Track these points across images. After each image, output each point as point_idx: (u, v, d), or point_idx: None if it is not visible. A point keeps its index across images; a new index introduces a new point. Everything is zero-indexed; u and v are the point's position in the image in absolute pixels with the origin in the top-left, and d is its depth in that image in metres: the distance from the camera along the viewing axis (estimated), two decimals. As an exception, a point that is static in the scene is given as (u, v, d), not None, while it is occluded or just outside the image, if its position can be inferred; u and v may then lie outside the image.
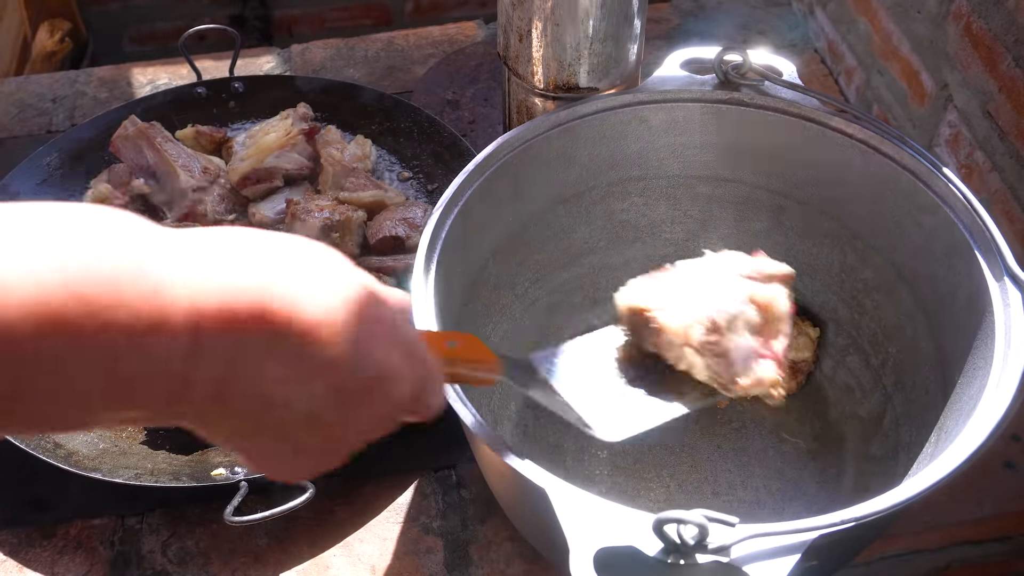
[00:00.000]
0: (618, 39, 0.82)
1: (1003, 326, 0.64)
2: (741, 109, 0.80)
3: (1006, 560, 0.79)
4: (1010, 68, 0.83)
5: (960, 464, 0.56)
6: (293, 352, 0.39)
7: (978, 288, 0.68)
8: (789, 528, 0.52)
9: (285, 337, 0.39)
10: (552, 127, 0.78)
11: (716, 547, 0.49)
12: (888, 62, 1.04)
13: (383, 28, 1.90)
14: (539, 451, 0.81)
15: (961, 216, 0.70)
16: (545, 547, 0.71)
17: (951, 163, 0.94)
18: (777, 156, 0.82)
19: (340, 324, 0.40)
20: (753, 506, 0.78)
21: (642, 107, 0.80)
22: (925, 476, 0.56)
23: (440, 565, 0.77)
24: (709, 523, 0.48)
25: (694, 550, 0.49)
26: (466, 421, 0.59)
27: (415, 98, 1.14)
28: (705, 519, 0.48)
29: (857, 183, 0.79)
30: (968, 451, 0.56)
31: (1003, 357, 0.62)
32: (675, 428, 0.83)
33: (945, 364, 0.72)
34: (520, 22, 0.82)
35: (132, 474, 0.78)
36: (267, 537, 0.79)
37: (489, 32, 1.25)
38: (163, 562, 0.78)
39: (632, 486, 0.80)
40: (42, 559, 0.78)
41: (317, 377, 0.40)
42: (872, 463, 0.79)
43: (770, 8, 1.28)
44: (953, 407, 0.67)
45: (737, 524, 0.49)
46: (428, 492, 0.81)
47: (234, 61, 1.09)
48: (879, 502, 0.54)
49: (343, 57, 1.23)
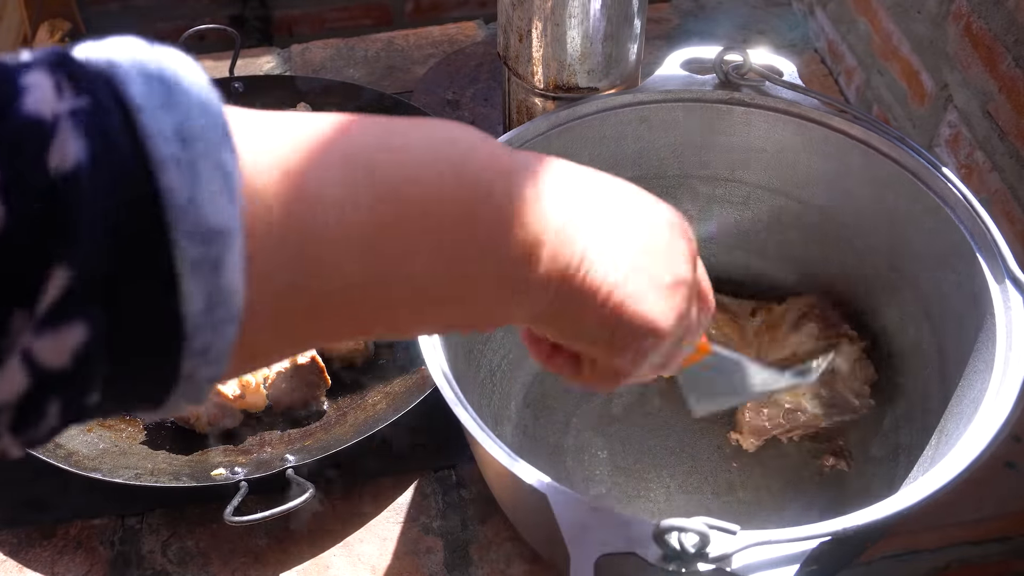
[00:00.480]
0: (618, 39, 0.82)
1: (1004, 328, 0.64)
2: (741, 109, 0.80)
3: (1006, 560, 0.79)
4: (1010, 68, 0.83)
5: (962, 471, 0.55)
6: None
7: (979, 290, 0.68)
8: (790, 536, 0.52)
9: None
10: (552, 127, 0.78)
11: (717, 555, 0.49)
12: (888, 62, 1.04)
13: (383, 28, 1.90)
14: (539, 451, 0.81)
15: (962, 217, 0.70)
16: (545, 550, 0.71)
17: (951, 163, 0.94)
18: (777, 156, 0.82)
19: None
20: (753, 507, 0.78)
21: (642, 107, 0.80)
22: (926, 482, 0.55)
23: (440, 565, 0.77)
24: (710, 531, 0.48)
25: (695, 558, 0.49)
26: (466, 424, 0.59)
27: (415, 98, 1.14)
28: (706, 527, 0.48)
29: (857, 183, 0.79)
30: (969, 457, 0.56)
31: (1004, 360, 0.62)
32: (675, 428, 0.83)
33: (946, 366, 0.72)
34: (520, 22, 0.82)
35: (132, 474, 0.78)
36: (267, 537, 0.79)
37: (489, 32, 1.25)
38: (163, 562, 0.78)
39: (632, 486, 0.80)
40: (42, 559, 0.78)
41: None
42: (872, 464, 0.79)
43: (770, 8, 1.28)
44: (954, 410, 0.67)
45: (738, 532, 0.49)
46: (428, 492, 0.81)
47: (234, 61, 1.08)
48: (881, 508, 0.54)
49: (343, 57, 1.23)
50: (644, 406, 0.85)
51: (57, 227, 0.25)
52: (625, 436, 0.83)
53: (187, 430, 0.83)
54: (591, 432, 0.83)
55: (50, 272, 0.25)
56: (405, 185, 0.34)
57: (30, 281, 0.25)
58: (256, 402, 0.84)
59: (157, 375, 0.29)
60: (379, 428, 0.78)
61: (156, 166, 0.26)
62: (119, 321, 0.27)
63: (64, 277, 0.25)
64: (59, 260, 0.25)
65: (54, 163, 0.25)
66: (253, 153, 0.30)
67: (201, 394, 0.30)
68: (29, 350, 0.25)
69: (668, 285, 0.42)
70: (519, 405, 0.84)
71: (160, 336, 0.28)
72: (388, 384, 0.86)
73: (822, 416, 0.78)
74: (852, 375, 0.79)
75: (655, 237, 0.43)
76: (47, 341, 0.25)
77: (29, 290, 0.25)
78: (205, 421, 0.82)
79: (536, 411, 0.84)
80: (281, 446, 0.82)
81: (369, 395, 0.86)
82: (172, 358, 0.28)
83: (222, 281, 0.28)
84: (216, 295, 0.28)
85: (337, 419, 0.84)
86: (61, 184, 0.25)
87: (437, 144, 0.36)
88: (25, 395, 0.26)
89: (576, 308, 0.40)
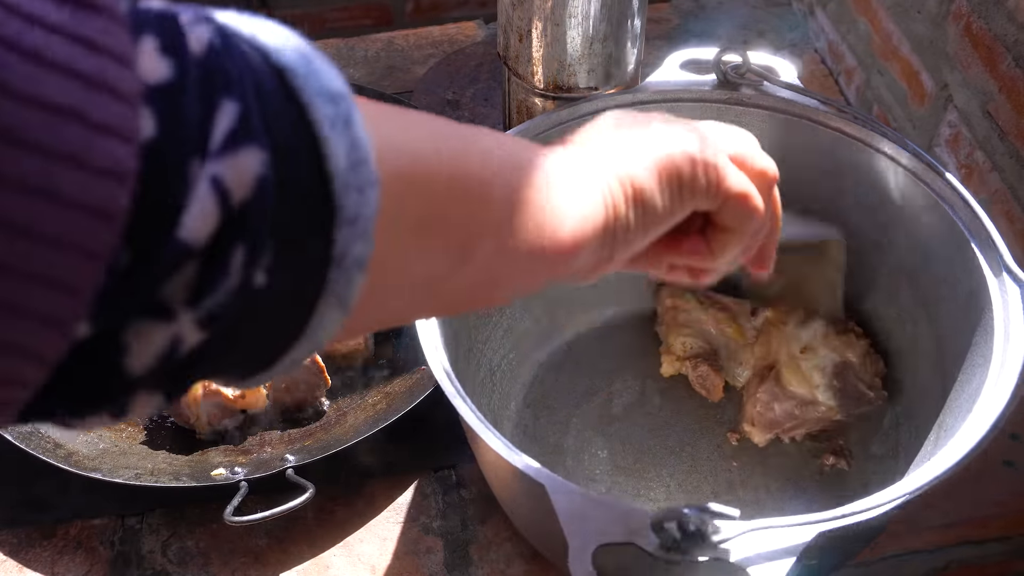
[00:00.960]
0: (618, 39, 0.82)
1: (1002, 324, 0.64)
2: (741, 109, 0.80)
3: (1005, 560, 0.79)
4: (1010, 68, 0.83)
5: (959, 460, 0.56)
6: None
7: (977, 286, 0.68)
8: (790, 522, 0.52)
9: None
10: (552, 127, 0.78)
11: (716, 540, 0.49)
12: (888, 62, 1.04)
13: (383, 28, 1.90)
14: (539, 451, 0.81)
15: (960, 215, 0.71)
16: (544, 545, 0.71)
17: (951, 163, 0.94)
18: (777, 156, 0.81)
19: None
20: (753, 506, 0.78)
21: (642, 107, 0.80)
22: (925, 472, 0.56)
23: (440, 565, 0.77)
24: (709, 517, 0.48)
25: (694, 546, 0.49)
26: (466, 419, 0.60)
27: (415, 98, 1.14)
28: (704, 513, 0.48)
29: (857, 183, 0.79)
30: (967, 447, 0.56)
31: (1002, 355, 0.62)
32: (675, 428, 0.83)
33: (944, 362, 0.72)
34: (520, 22, 0.82)
35: (132, 474, 0.78)
36: (267, 537, 0.79)
37: (489, 32, 1.25)
38: (163, 562, 0.78)
39: (632, 486, 0.80)
40: (42, 559, 0.78)
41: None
42: (873, 463, 0.79)
43: (770, 8, 1.28)
44: (952, 405, 0.67)
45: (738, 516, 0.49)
46: (428, 492, 0.81)
47: (234, 61, 1.08)
48: (880, 497, 0.55)
49: (343, 57, 1.23)
50: (644, 406, 0.85)
51: (216, 76, 0.28)
52: (625, 436, 0.83)
53: (187, 430, 0.83)
54: (591, 432, 0.83)
55: (220, 107, 0.27)
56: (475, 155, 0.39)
57: (206, 117, 0.27)
58: (256, 402, 0.84)
59: (315, 247, 0.30)
60: (379, 428, 0.78)
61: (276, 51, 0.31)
62: (282, 160, 0.29)
63: (232, 110, 0.27)
64: (226, 95, 0.28)
65: (195, 39, 0.28)
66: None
67: (350, 292, 0.31)
68: (216, 175, 0.27)
69: (662, 132, 0.47)
70: (519, 405, 0.84)
71: (315, 197, 0.30)
72: (388, 384, 0.86)
73: (836, 408, 0.78)
74: (863, 368, 0.79)
75: (630, 127, 0.48)
76: (230, 165, 0.27)
77: (205, 127, 0.27)
78: (205, 421, 0.82)
79: (536, 411, 0.84)
80: (281, 446, 0.82)
81: (369, 395, 0.86)
82: (327, 224, 0.30)
83: (357, 137, 0.30)
84: (355, 151, 0.30)
85: (337, 419, 0.84)
86: (208, 50, 0.28)
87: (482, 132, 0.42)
88: (216, 232, 0.27)
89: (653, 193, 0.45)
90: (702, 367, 0.83)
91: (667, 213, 0.46)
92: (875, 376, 0.80)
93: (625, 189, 0.44)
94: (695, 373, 0.83)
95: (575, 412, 0.84)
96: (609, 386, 0.86)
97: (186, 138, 0.26)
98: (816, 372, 0.78)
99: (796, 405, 0.78)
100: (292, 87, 0.30)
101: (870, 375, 0.79)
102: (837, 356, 0.79)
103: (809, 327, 0.81)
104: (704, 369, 0.83)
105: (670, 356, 0.85)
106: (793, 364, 0.79)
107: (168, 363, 0.28)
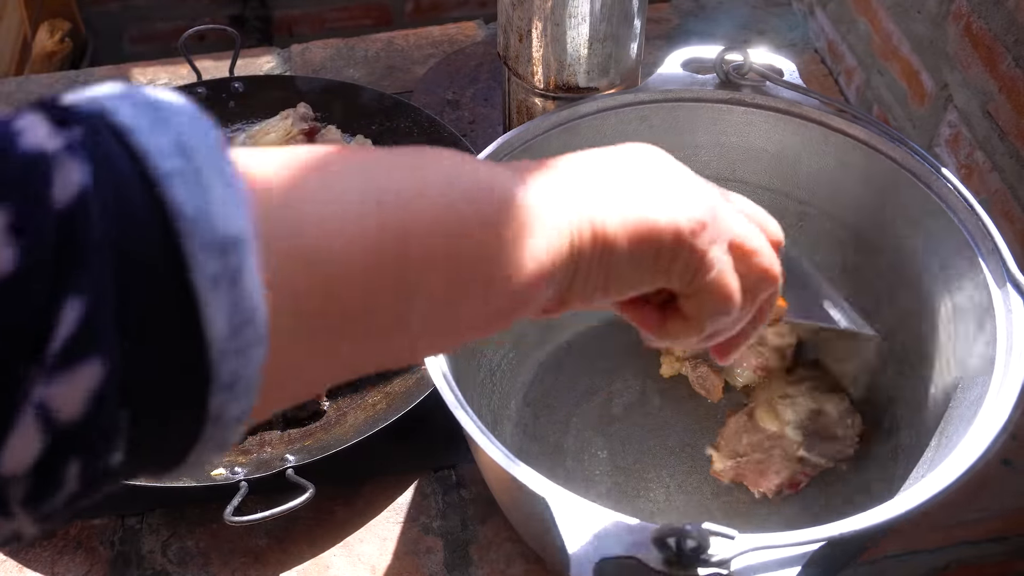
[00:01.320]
0: (618, 39, 0.82)
1: (1005, 329, 0.64)
2: (742, 109, 0.80)
3: (1005, 560, 0.79)
4: (1010, 68, 0.83)
5: (962, 473, 0.55)
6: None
7: (979, 291, 0.67)
8: (789, 540, 0.52)
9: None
10: (552, 127, 0.78)
11: (717, 560, 0.49)
12: (888, 62, 1.04)
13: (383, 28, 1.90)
14: (539, 451, 0.81)
15: (963, 218, 0.70)
16: (545, 552, 0.71)
17: (951, 163, 0.94)
18: (777, 156, 0.83)
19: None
20: (752, 506, 0.78)
21: (643, 107, 0.80)
22: (927, 485, 0.55)
23: (440, 565, 0.77)
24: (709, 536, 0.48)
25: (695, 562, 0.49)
26: (466, 427, 0.59)
27: (415, 98, 1.14)
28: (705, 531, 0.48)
29: (857, 183, 0.79)
30: (969, 460, 0.56)
31: (1004, 362, 0.62)
32: (675, 428, 0.83)
33: (946, 367, 0.72)
34: (520, 22, 0.82)
35: (132, 474, 0.78)
36: (267, 537, 0.79)
37: (489, 32, 1.25)
38: (163, 562, 0.78)
39: (632, 486, 0.80)
40: (42, 559, 0.78)
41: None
42: (872, 464, 0.79)
43: (770, 8, 1.28)
44: (954, 412, 0.67)
45: (737, 537, 0.49)
46: (428, 492, 0.81)
47: (234, 61, 1.08)
48: (882, 512, 0.54)
49: (343, 57, 1.23)
50: (644, 406, 0.85)
51: (68, 258, 0.24)
52: (625, 436, 0.83)
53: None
54: (591, 432, 0.83)
55: (63, 306, 0.24)
56: (407, 194, 0.35)
57: (44, 320, 0.24)
58: (256, 402, 0.84)
59: (181, 418, 0.28)
60: (379, 428, 0.78)
61: (161, 180, 0.26)
62: (136, 355, 0.26)
63: (77, 309, 0.24)
64: (72, 291, 0.24)
65: (59, 194, 0.25)
66: (250, 162, 0.30)
67: (228, 436, 0.29)
68: (42, 401, 0.24)
69: (667, 190, 0.43)
70: (519, 404, 0.84)
71: (182, 369, 0.27)
72: (388, 384, 0.86)
73: (802, 444, 0.76)
74: (840, 420, 0.78)
75: (638, 171, 0.44)
76: (61, 386, 0.24)
77: (42, 331, 0.24)
78: (205, 421, 0.82)
79: (536, 410, 0.84)
80: (281, 446, 0.82)
81: (369, 395, 0.86)
82: (198, 394, 0.27)
83: (243, 296, 0.27)
84: (239, 314, 0.27)
85: (337, 419, 0.84)
86: (68, 213, 0.25)
87: (425, 162, 0.37)
88: (41, 458, 0.25)
89: (616, 256, 0.41)
90: (702, 367, 0.83)
91: (633, 281, 0.43)
92: (850, 428, 0.78)
93: (596, 238, 0.40)
94: (695, 373, 0.83)
95: (575, 412, 0.84)
96: (609, 386, 0.86)
97: (18, 350, 0.24)
98: (789, 410, 0.78)
99: (764, 439, 0.78)
100: (175, 230, 0.26)
101: (845, 426, 0.78)
102: (815, 405, 0.78)
103: (799, 385, 0.80)
104: (704, 369, 0.83)
105: (670, 356, 0.85)
106: (768, 405, 0.79)
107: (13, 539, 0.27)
